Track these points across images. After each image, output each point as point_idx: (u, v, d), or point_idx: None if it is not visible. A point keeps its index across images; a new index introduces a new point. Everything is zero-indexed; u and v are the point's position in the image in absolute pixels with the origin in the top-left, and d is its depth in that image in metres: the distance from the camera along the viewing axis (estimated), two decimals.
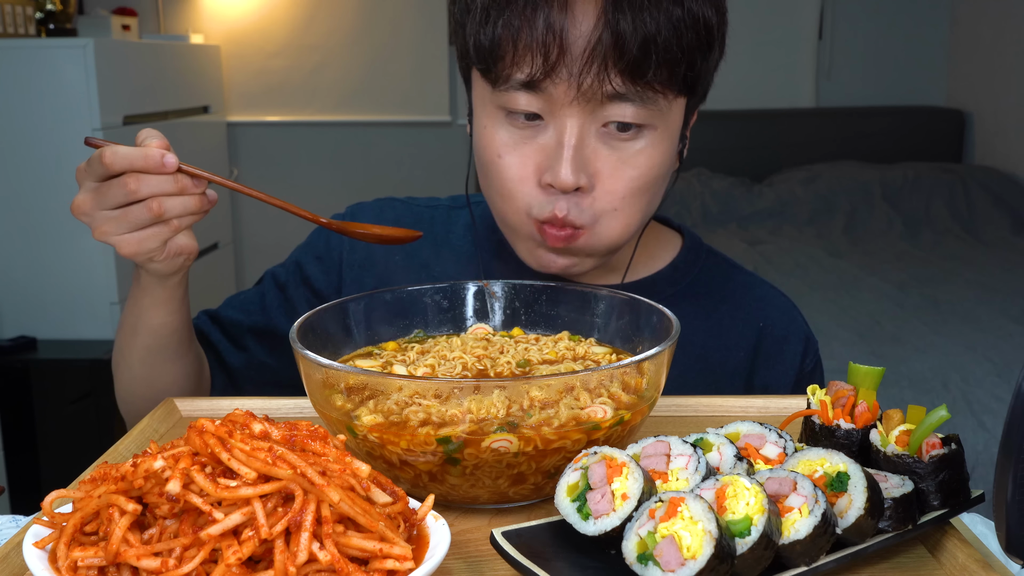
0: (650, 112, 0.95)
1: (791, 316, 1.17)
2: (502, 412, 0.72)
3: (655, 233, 1.18)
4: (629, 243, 1.09)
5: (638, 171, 0.97)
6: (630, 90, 0.92)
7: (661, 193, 1.04)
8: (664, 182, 1.03)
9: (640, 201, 1.00)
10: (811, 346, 1.16)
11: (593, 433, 0.73)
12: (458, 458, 0.71)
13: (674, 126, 1.00)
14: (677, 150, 1.04)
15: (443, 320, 0.97)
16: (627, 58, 0.90)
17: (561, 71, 0.92)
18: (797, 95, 4.47)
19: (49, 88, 2.95)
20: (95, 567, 0.57)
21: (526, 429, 0.71)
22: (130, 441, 0.88)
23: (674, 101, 0.97)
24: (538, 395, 0.73)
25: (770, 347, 1.14)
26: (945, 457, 0.70)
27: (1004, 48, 4.11)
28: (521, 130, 0.97)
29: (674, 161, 1.04)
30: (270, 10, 4.23)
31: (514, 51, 0.92)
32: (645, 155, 0.97)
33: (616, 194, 0.98)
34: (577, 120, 0.94)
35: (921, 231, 3.87)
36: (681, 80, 0.95)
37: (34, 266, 3.06)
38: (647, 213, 1.03)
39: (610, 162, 0.97)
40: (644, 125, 0.96)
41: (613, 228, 1.00)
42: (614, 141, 0.96)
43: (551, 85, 0.93)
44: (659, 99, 0.95)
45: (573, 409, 0.74)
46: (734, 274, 1.20)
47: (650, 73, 0.91)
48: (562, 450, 0.73)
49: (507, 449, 0.71)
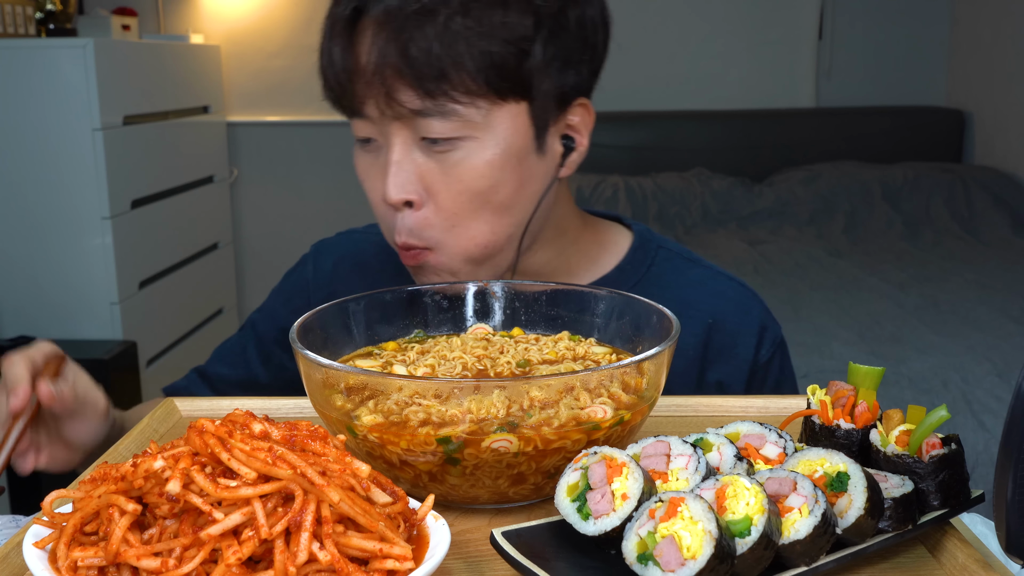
0: (459, 124, 0.96)
1: (745, 308, 1.15)
2: (502, 412, 0.72)
3: (596, 237, 1.17)
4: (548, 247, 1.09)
5: (462, 183, 0.98)
6: (426, 105, 0.94)
7: (523, 201, 1.02)
8: (520, 189, 1.01)
9: (481, 212, 1.00)
10: (767, 335, 1.14)
11: (593, 433, 0.73)
12: (458, 458, 0.71)
13: (506, 132, 0.98)
14: (554, 154, 1.03)
15: (443, 320, 0.97)
16: (410, 76, 0.93)
17: (362, 96, 0.97)
18: (797, 95, 4.47)
19: (49, 88, 2.95)
20: (95, 567, 0.57)
21: (526, 429, 0.71)
22: (130, 441, 0.88)
23: (497, 108, 0.97)
24: (538, 395, 0.73)
25: (721, 342, 1.12)
26: (945, 457, 0.70)
27: (1004, 48, 4.11)
28: (368, 154, 1.03)
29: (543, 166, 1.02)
30: (270, 10, 4.23)
31: (332, 84, 1.01)
32: (466, 166, 0.98)
33: (448, 207, 0.99)
34: (397, 138, 0.98)
35: (921, 231, 3.86)
36: (490, 88, 0.95)
37: (34, 266, 3.06)
38: (506, 222, 1.02)
39: (436, 175, 0.99)
40: (460, 136, 0.97)
41: (460, 243, 1.01)
42: (435, 155, 0.98)
43: (364, 109, 0.98)
44: (468, 110, 0.95)
45: (573, 409, 0.74)
46: (687, 269, 1.17)
47: (436, 87, 0.93)
48: (562, 450, 0.73)
49: (507, 449, 0.71)
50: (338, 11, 1.00)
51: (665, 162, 4.19)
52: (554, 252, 1.11)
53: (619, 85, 4.39)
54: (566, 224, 1.12)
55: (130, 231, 3.16)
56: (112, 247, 3.04)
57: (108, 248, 3.04)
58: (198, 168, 3.87)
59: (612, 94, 4.33)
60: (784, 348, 1.17)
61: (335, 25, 1.00)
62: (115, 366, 2.97)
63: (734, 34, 4.40)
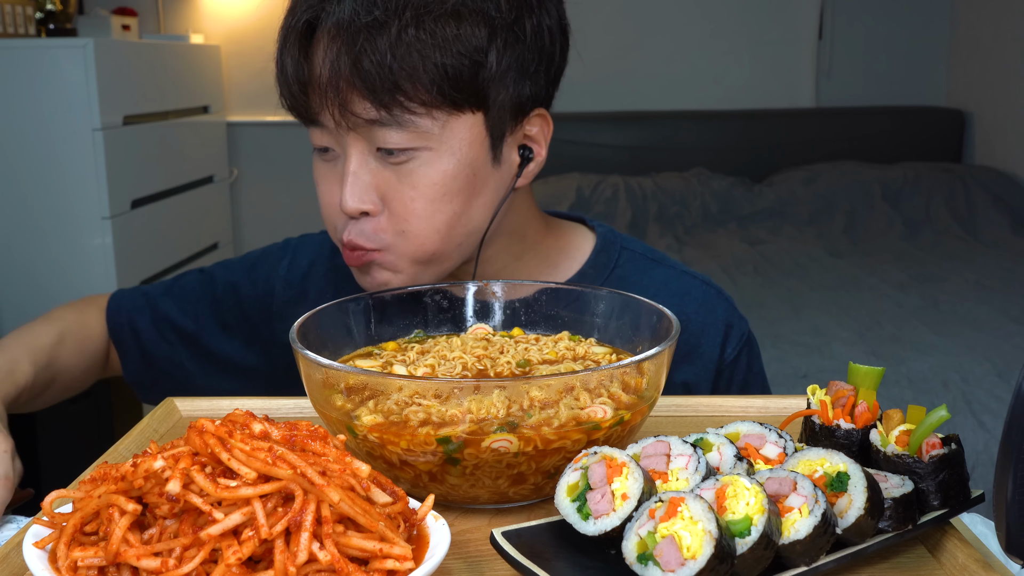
0: (414, 134, 0.96)
1: (710, 307, 1.15)
2: (502, 412, 0.72)
3: (556, 242, 1.16)
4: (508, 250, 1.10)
5: (416, 191, 0.99)
6: (383, 116, 0.95)
7: (479, 210, 1.02)
8: (474, 198, 1.01)
9: (430, 223, 1.00)
10: (733, 332, 1.14)
11: (593, 433, 0.73)
12: (458, 458, 0.71)
13: (460, 143, 0.98)
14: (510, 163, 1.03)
15: (443, 320, 0.97)
16: (365, 86, 0.94)
17: (317, 107, 0.98)
18: (797, 95, 4.47)
19: (49, 88, 2.95)
20: (95, 567, 0.57)
21: (526, 429, 0.71)
22: (130, 441, 0.88)
23: (451, 118, 0.97)
24: (538, 395, 0.73)
25: (686, 343, 1.12)
26: (945, 457, 0.70)
27: (1004, 48, 4.11)
28: (324, 162, 1.04)
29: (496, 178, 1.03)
30: (270, 10, 4.23)
31: (287, 94, 1.01)
32: (420, 175, 0.99)
33: (400, 216, 1.00)
34: (353, 148, 0.99)
35: (921, 231, 3.86)
36: (445, 98, 0.95)
37: (34, 266, 3.06)
38: (454, 234, 1.02)
39: (391, 184, 0.99)
40: (415, 147, 0.97)
41: (408, 248, 1.02)
42: (390, 165, 0.99)
43: (319, 118, 0.99)
44: (423, 120, 0.96)
45: (573, 409, 0.74)
46: (651, 270, 1.17)
47: (389, 97, 0.94)
48: (562, 450, 0.73)
49: (507, 449, 0.71)
50: (291, 22, 1.00)
51: (665, 162, 4.19)
52: (510, 257, 1.11)
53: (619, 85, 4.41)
54: (524, 230, 1.12)
55: (130, 231, 3.16)
56: (112, 247, 3.04)
57: (108, 248, 3.04)
58: (198, 168, 3.87)
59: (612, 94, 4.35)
60: (752, 345, 1.17)
61: (288, 36, 1.00)
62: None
63: (734, 34, 4.40)
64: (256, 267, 1.24)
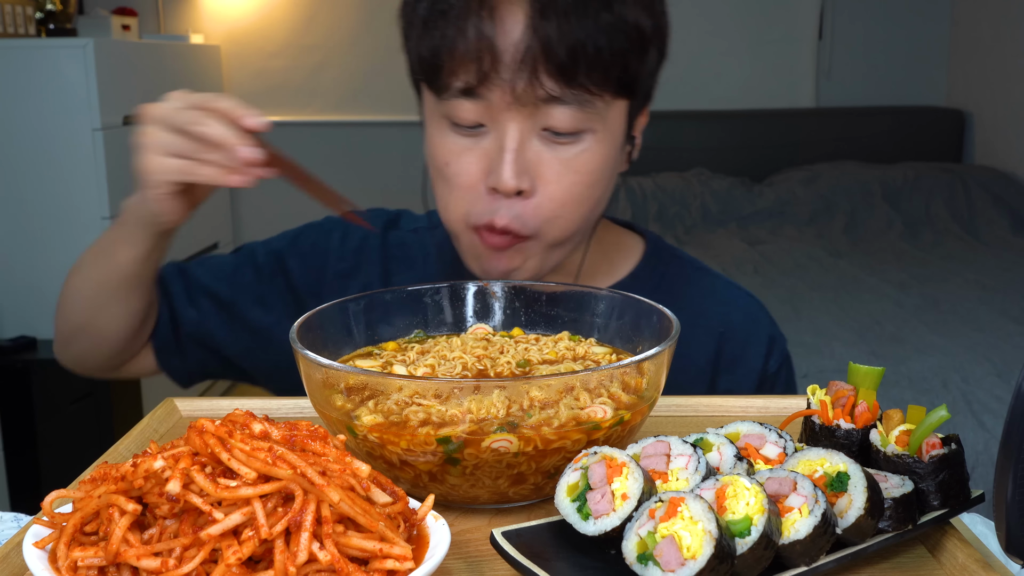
0: (588, 115, 0.97)
1: (754, 318, 1.16)
2: (502, 412, 0.72)
3: (615, 240, 1.18)
4: (578, 244, 1.10)
5: (579, 175, 0.99)
6: (564, 93, 0.95)
7: (607, 196, 1.06)
8: (609, 184, 1.05)
9: (582, 206, 1.01)
10: (775, 346, 1.15)
11: (593, 433, 0.73)
12: (458, 458, 0.71)
13: (615, 128, 1.01)
14: (625, 152, 1.06)
15: (443, 320, 0.97)
16: (556, 62, 0.93)
17: (495, 78, 0.94)
18: (797, 95, 4.47)
19: (49, 88, 2.95)
20: (95, 567, 0.57)
21: (526, 429, 0.71)
22: (130, 441, 0.88)
23: (613, 103, 0.99)
24: (538, 395, 0.73)
25: (732, 351, 1.13)
26: (945, 457, 0.70)
27: (1004, 48, 4.11)
28: (465, 138, 1.00)
29: (620, 163, 1.06)
30: (270, 10, 4.23)
31: (451, 61, 0.95)
32: (585, 158, 0.99)
33: (558, 199, 0.99)
34: (516, 124, 0.96)
35: (921, 231, 3.86)
36: (616, 82, 0.96)
37: (34, 266, 3.06)
38: (591, 216, 1.05)
39: (553, 165, 0.98)
40: (583, 129, 0.97)
41: (554, 233, 1.02)
42: (555, 145, 0.98)
43: (487, 91, 0.95)
44: (596, 101, 0.96)
45: (573, 409, 0.74)
46: (697, 278, 1.19)
47: (580, 76, 0.94)
48: (562, 450, 0.73)
49: (507, 449, 0.71)
50: None
51: (665, 162, 4.19)
52: (582, 252, 1.13)
53: None
54: (599, 223, 1.14)
55: None
56: None
57: None
58: None
59: None
60: (790, 362, 1.19)
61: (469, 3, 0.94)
62: None
63: (734, 34, 4.40)
64: (299, 240, 1.22)
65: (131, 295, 1.08)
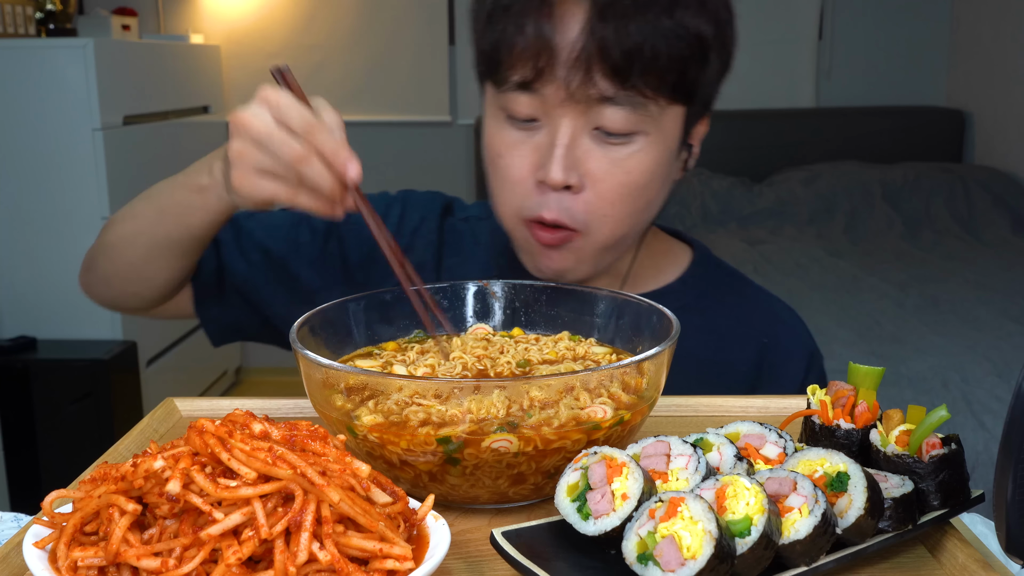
0: (640, 117, 0.97)
1: (796, 331, 1.18)
2: (502, 412, 0.72)
3: (664, 246, 1.20)
4: (628, 248, 1.11)
5: (629, 175, 1.00)
6: (618, 94, 0.96)
7: (659, 201, 1.06)
8: (661, 189, 1.05)
9: (631, 206, 1.02)
10: (815, 362, 1.17)
11: (593, 433, 0.73)
12: (458, 458, 0.71)
13: (669, 134, 1.01)
14: (681, 159, 1.07)
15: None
16: (611, 63, 0.94)
17: (550, 74, 0.96)
18: (797, 95, 4.47)
19: (49, 88, 2.95)
20: (95, 567, 0.57)
21: (526, 429, 0.71)
22: (130, 441, 0.88)
23: (668, 108, 0.99)
24: (538, 395, 0.73)
25: (773, 362, 1.15)
26: (945, 457, 0.70)
27: (1004, 48, 4.11)
28: (519, 131, 1.01)
29: (675, 170, 1.07)
30: (270, 10, 4.23)
31: (509, 55, 0.97)
32: (636, 159, 0.99)
33: (606, 198, 1.00)
34: (569, 121, 0.98)
35: (921, 231, 3.86)
36: (671, 88, 0.97)
37: (34, 266, 3.06)
38: (641, 219, 1.05)
39: (602, 164, 0.99)
40: (635, 131, 0.98)
41: (603, 232, 1.02)
42: (606, 144, 0.99)
43: (543, 87, 0.97)
44: (649, 105, 0.97)
45: (573, 409, 0.74)
46: (742, 288, 1.21)
47: (634, 79, 0.94)
48: (562, 450, 0.73)
49: (507, 449, 0.71)
50: None
51: None
52: (631, 256, 1.14)
53: None
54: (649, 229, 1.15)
55: None
56: None
57: None
58: None
59: None
60: (826, 379, 1.19)
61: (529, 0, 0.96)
62: (115, 366, 2.97)
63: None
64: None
65: (191, 252, 1.08)
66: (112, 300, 1.20)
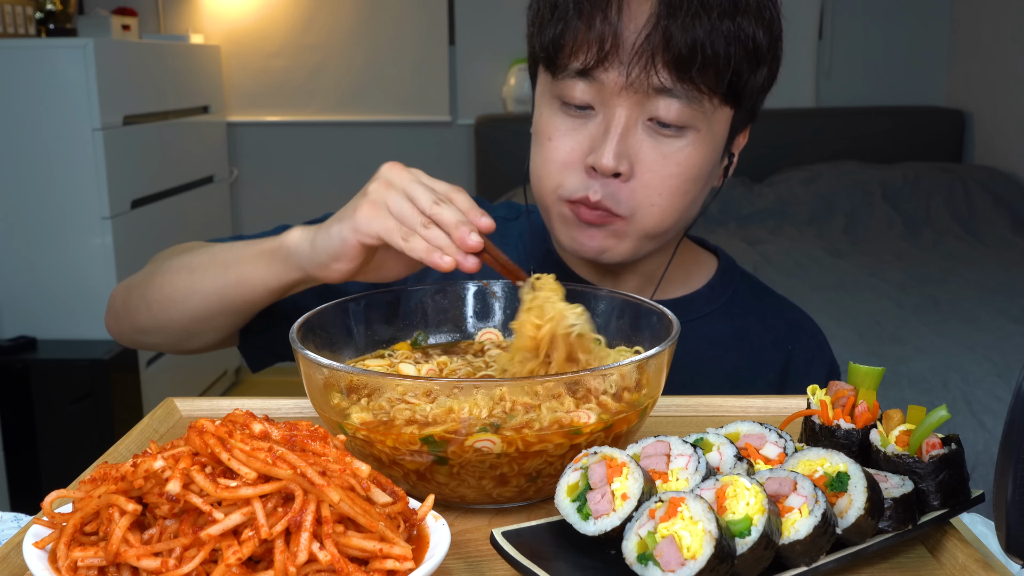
0: (694, 112, 1.00)
1: (818, 341, 1.20)
2: (484, 413, 0.72)
3: (692, 253, 1.22)
4: (664, 249, 1.12)
5: (678, 168, 1.02)
6: (676, 87, 0.98)
7: (700, 201, 1.09)
8: (704, 189, 1.08)
9: (678, 199, 1.04)
10: (834, 373, 1.19)
11: (575, 438, 0.73)
12: (445, 457, 0.72)
13: (718, 133, 1.04)
14: (722, 166, 1.10)
15: (443, 320, 0.97)
16: (674, 55, 0.97)
17: (613, 60, 0.99)
18: (797, 95, 4.46)
19: (49, 88, 2.95)
20: (95, 567, 0.57)
21: (508, 431, 0.71)
22: (130, 441, 0.88)
23: (719, 108, 1.02)
24: (520, 398, 0.73)
25: (797, 370, 1.17)
26: (945, 457, 0.70)
27: (1004, 48, 4.11)
28: (573, 118, 1.04)
29: (716, 173, 1.09)
30: (270, 10, 4.23)
31: (573, 42, 1.00)
32: (686, 153, 1.02)
33: (654, 188, 1.02)
34: (625, 110, 1.00)
35: (921, 231, 3.86)
36: (727, 87, 1.00)
37: (34, 266, 3.06)
38: (685, 216, 1.07)
39: (652, 155, 1.01)
40: (687, 125, 1.01)
41: (648, 221, 1.04)
42: (658, 136, 1.01)
43: (603, 73, 0.99)
44: (704, 101, 1.00)
45: (557, 412, 0.74)
46: (766, 296, 1.23)
47: (695, 72, 0.97)
48: (544, 453, 0.73)
49: (490, 450, 0.71)
50: None
51: None
52: (663, 259, 1.15)
53: None
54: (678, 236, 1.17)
55: (130, 231, 3.16)
56: (112, 247, 3.04)
57: (108, 248, 3.04)
58: (198, 168, 3.87)
59: None
60: None
61: None
62: (115, 366, 2.97)
63: None
64: None
65: (248, 313, 1.06)
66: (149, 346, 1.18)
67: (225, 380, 4.11)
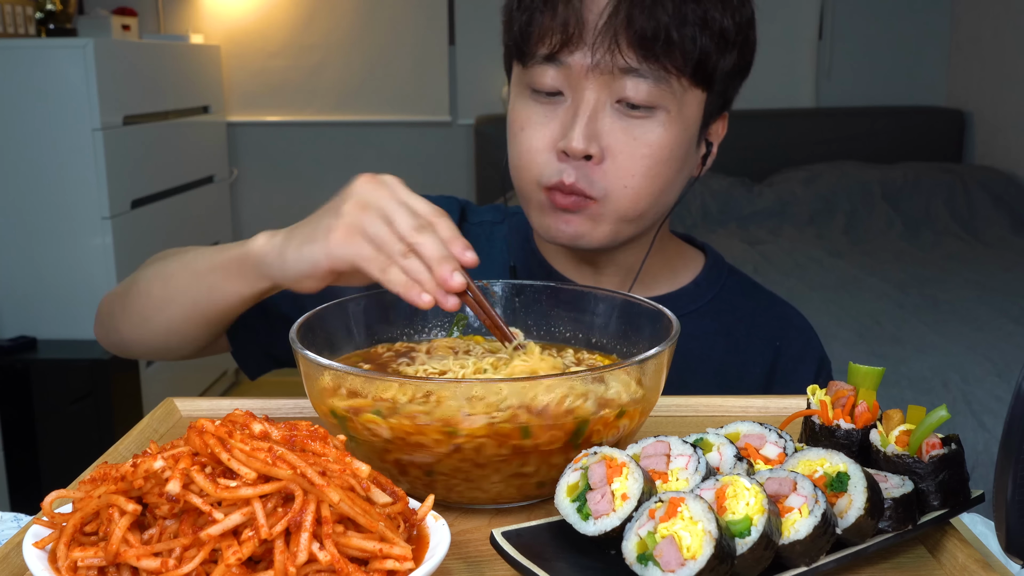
0: (662, 92, 1.00)
1: (807, 337, 1.20)
2: (490, 411, 0.72)
3: (678, 250, 1.21)
4: (640, 240, 1.11)
5: (649, 148, 1.02)
6: (642, 66, 0.99)
7: (676, 186, 1.08)
8: (679, 173, 1.07)
9: (650, 180, 1.04)
10: (824, 369, 1.19)
11: (578, 436, 0.73)
12: (448, 456, 0.72)
13: (689, 116, 1.04)
14: (699, 154, 1.10)
15: (443, 320, 0.97)
16: (638, 34, 0.97)
17: (578, 43, 1.00)
18: (797, 95, 4.47)
19: (49, 88, 2.95)
20: (95, 567, 0.57)
21: (501, 426, 0.71)
22: (130, 441, 0.88)
23: (689, 90, 1.02)
24: (511, 398, 0.73)
25: (785, 366, 1.16)
26: (945, 457, 0.70)
27: (1004, 48, 4.11)
28: (543, 105, 1.05)
29: (692, 163, 1.09)
30: (270, 10, 4.23)
31: (540, 30, 1.02)
32: (656, 134, 1.02)
33: (626, 169, 1.02)
34: (593, 92, 1.01)
35: (921, 231, 3.86)
36: (693, 68, 1.00)
37: (34, 266, 3.06)
38: (659, 201, 1.07)
39: (623, 136, 1.02)
40: (656, 106, 1.01)
41: (622, 203, 1.04)
42: (627, 117, 1.02)
43: (569, 56, 1.01)
44: (672, 81, 1.00)
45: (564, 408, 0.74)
46: (754, 293, 1.23)
47: (658, 51, 0.98)
48: (552, 451, 0.73)
49: (494, 449, 0.71)
50: None
51: None
52: (643, 252, 1.15)
53: None
54: (663, 229, 1.16)
55: (130, 231, 3.16)
56: (112, 247, 3.04)
57: (108, 248, 3.04)
58: (198, 168, 3.87)
59: None
60: None
61: None
62: (115, 366, 2.97)
63: None
64: None
65: (224, 321, 1.06)
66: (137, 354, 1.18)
67: (225, 380, 4.11)
